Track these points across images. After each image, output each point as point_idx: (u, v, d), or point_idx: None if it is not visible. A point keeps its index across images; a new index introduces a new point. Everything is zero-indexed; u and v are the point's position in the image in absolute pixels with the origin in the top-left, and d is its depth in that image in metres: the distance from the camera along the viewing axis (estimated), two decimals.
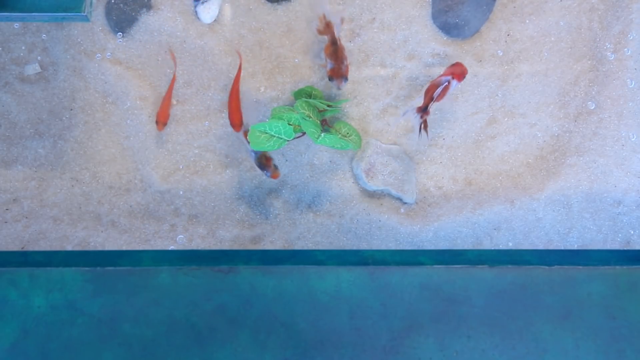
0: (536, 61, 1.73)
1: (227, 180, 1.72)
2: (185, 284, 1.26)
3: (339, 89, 1.69)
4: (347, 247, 1.72)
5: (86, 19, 1.38)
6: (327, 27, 1.64)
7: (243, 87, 1.72)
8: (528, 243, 1.72)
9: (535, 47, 1.73)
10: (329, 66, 1.64)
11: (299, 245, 1.71)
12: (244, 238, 1.71)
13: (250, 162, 1.72)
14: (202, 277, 1.27)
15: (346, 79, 1.64)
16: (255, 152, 1.62)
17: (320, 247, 1.71)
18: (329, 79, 1.65)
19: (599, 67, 1.73)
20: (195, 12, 1.71)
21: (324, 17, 1.64)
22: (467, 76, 1.73)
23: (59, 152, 1.71)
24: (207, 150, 1.73)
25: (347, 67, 1.64)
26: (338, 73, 1.63)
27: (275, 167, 1.65)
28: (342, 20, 1.67)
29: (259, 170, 1.68)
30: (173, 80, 1.68)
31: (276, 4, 1.72)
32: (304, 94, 1.66)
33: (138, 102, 1.71)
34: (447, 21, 1.72)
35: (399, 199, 1.73)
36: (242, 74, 1.72)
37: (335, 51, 1.63)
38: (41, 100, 1.71)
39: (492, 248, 1.72)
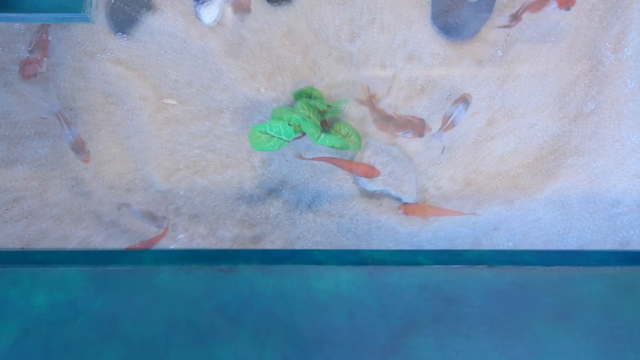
0: (536, 62, 1.74)
1: (228, 180, 1.73)
2: (186, 283, 1.26)
3: (441, 141, 1.62)
4: (347, 247, 1.72)
5: (87, 19, 1.38)
6: (369, 99, 1.57)
7: (243, 88, 1.72)
8: (527, 243, 1.72)
9: (534, 47, 1.73)
10: (407, 136, 1.59)
11: (298, 245, 1.71)
12: (244, 237, 1.72)
13: (251, 163, 1.73)
14: (202, 277, 1.27)
15: (431, 129, 1.58)
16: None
17: (320, 247, 1.72)
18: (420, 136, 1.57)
19: (599, 68, 1.73)
20: (197, 13, 1.71)
21: (368, 89, 1.58)
22: (466, 77, 1.73)
23: (60, 152, 1.72)
24: (208, 150, 1.73)
25: (422, 122, 1.57)
26: (420, 131, 1.59)
27: None
28: (389, 89, 1.57)
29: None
30: (162, 235, 1.63)
31: (277, 5, 1.72)
32: (304, 94, 1.67)
33: (139, 102, 1.71)
34: (447, 22, 1.72)
35: (399, 199, 1.73)
36: (241, 75, 1.72)
37: (398, 124, 1.55)
38: (42, 100, 1.72)
39: (491, 248, 1.72)
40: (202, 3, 1.70)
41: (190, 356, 1.21)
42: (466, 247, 1.72)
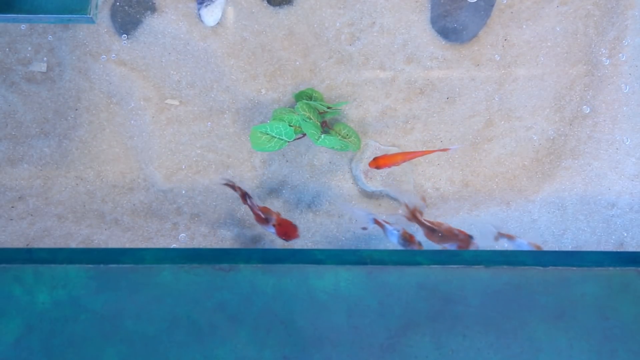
0: (533, 66, 1.74)
1: (229, 180, 1.74)
2: (187, 281, 1.26)
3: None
4: (346, 247, 1.73)
5: (91, 20, 1.38)
6: (413, 215, 1.57)
7: (245, 90, 1.73)
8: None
9: (531, 51, 1.74)
10: (452, 247, 1.58)
11: (298, 245, 1.72)
12: (245, 237, 1.73)
13: (255, 163, 1.74)
14: (203, 275, 1.27)
15: (478, 246, 1.57)
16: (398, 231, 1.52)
17: (319, 247, 1.72)
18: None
19: (594, 72, 1.73)
20: (199, 15, 1.72)
21: (407, 205, 1.58)
22: (465, 80, 1.75)
23: (64, 151, 1.72)
24: (209, 150, 1.74)
25: (468, 238, 1.55)
26: (465, 246, 1.57)
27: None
28: (423, 198, 1.59)
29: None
30: None
31: (278, 7, 1.73)
32: (305, 96, 1.67)
33: (142, 103, 1.72)
34: (446, 26, 1.73)
35: (397, 200, 1.74)
36: (243, 77, 1.73)
37: (444, 237, 1.55)
38: (47, 100, 1.72)
39: (488, 249, 1.72)
40: (205, 5, 1.71)
41: (190, 354, 1.21)
42: None
